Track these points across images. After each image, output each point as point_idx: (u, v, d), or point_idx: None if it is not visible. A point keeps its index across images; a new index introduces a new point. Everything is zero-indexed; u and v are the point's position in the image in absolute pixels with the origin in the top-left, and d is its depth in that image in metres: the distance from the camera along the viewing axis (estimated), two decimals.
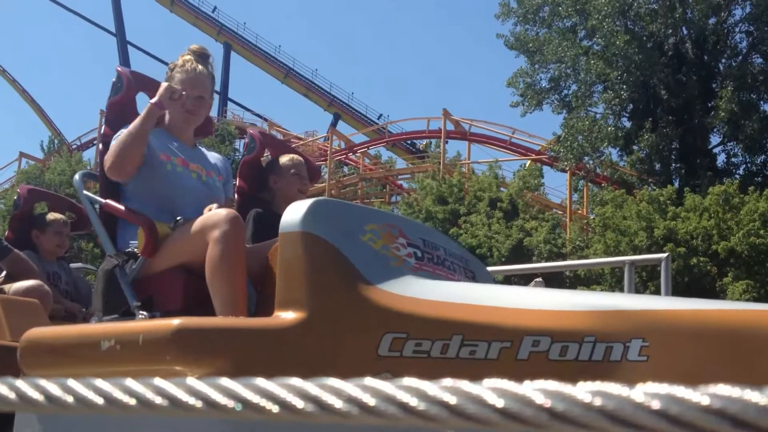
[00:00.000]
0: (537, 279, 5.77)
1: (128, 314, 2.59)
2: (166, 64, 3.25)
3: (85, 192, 2.91)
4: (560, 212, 22.87)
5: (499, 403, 0.49)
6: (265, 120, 34.34)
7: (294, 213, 2.24)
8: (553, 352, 1.94)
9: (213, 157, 3.12)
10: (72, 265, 5.06)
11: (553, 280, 15.79)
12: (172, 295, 2.61)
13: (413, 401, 0.51)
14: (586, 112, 21.37)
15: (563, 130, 21.00)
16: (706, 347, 1.83)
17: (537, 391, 0.49)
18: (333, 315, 2.15)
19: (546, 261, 16.77)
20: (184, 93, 2.87)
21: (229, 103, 37.08)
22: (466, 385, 0.51)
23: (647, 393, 0.46)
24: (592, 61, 20.65)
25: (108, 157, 2.77)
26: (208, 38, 35.30)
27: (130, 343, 2.17)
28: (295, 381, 0.56)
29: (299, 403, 0.54)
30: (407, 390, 0.52)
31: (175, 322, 2.12)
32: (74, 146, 32.74)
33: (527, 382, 0.49)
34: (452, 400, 0.50)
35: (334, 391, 0.54)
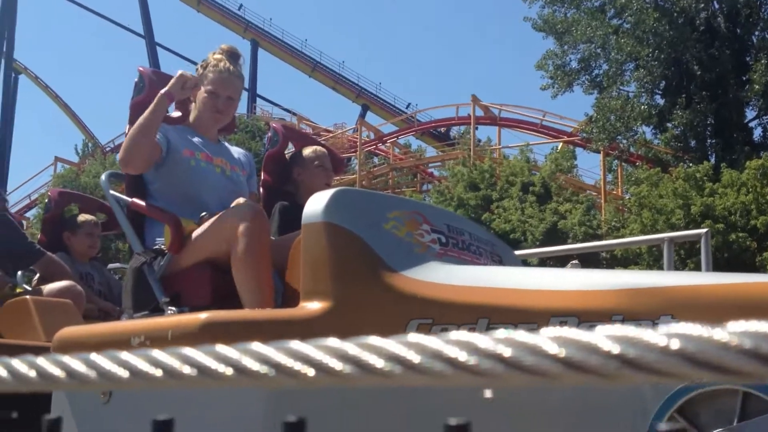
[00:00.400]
0: (573, 261, 5.70)
1: (158, 310, 2.61)
2: (195, 63, 3.25)
3: (111, 192, 2.93)
4: (594, 193, 22.63)
5: (561, 352, 0.44)
6: (294, 114, 34.48)
7: (316, 204, 2.24)
8: None
9: (236, 152, 3.13)
10: (110, 265, 5.12)
11: (590, 261, 15.64)
12: (200, 290, 2.63)
13: (462, 356, 0.47)
14: (618, 91, 21.08)
15: (595, 110, 20.75)
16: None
17: (604, 337, 0.44)
18: (358, 303, 2.15)
19: (581, 243, 16.59)
20: (195, 83, 2.86)
21: (257, 99, 37.32)
22: (521, 335, 0.46)
23: (734, 332, 0.41)
24: (623, 40, 20.35)
25: (120, 151, 2.79)
26: (235, 36, 35.51)
27: (160, 338, 2.19)
28: (332, 342, 0.52)
29: (337, 365, 0.50)
30: (456, 344, 0.47)
31: (203, 316, 2.14)
32: (108, 149, 33.16)
33: (595, 329, 0.45)
34: (507, 352, 0.46)
35: (375, 349, 0.50)
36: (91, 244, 4.32)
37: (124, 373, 0.62)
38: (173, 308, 2.56)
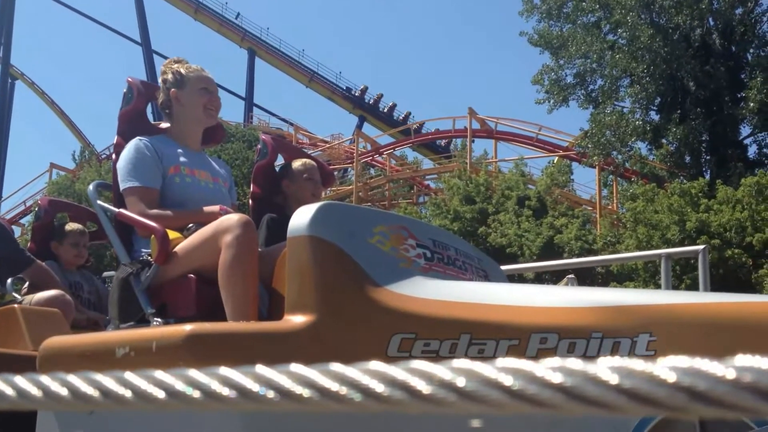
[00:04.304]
0: (569, 276, 5.72)
1: (143, 321, 2.61)
2: None
3: (99, 202, 2.94)
4: (590, 208, 22.69)
5: (511, 382, 0.47)
6: (291, 124, 34.51)
7: (301, 217, 2.25)
8: (561, 349, 1.94)
9: (216, 163, 3.16)
10: (105, 273, 5.11)
11: (585, 276, 15.65)
12: (186, 302, 2.63)
13: (421, 384, 0.49)
14: (613, 107, 21.19)
15: (591, 125, 20.84)
16: (714, 340, 1.81)
17: (549, 369, 0.47)
18: (342, 317, 2.16)
19: (577, 258, 16.59)
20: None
21: (254, 108, 37.38)
22: (478, 366, 0.49)
23: (671, 367, 0.44)
24: (618, 56, 20.47)
25: (159, 221, 2.72)
26: (232, 44, 35.64)
27: (144, 349, 2.19)
28: (298, 367, 0.54)
29: (298, 389, 0.53)
30: (414, 373, 0.50)
31: (187, 328, 2.14)
32: (103, 156, 33.11)
33: (542, 361, 0.47)
34: (461, 382, 0.48)
35: (338, 377, 0.52)
36: (77, 253, 4.32)
37: (127, 392, 0.62)
38: (159, 319, 2.56)
